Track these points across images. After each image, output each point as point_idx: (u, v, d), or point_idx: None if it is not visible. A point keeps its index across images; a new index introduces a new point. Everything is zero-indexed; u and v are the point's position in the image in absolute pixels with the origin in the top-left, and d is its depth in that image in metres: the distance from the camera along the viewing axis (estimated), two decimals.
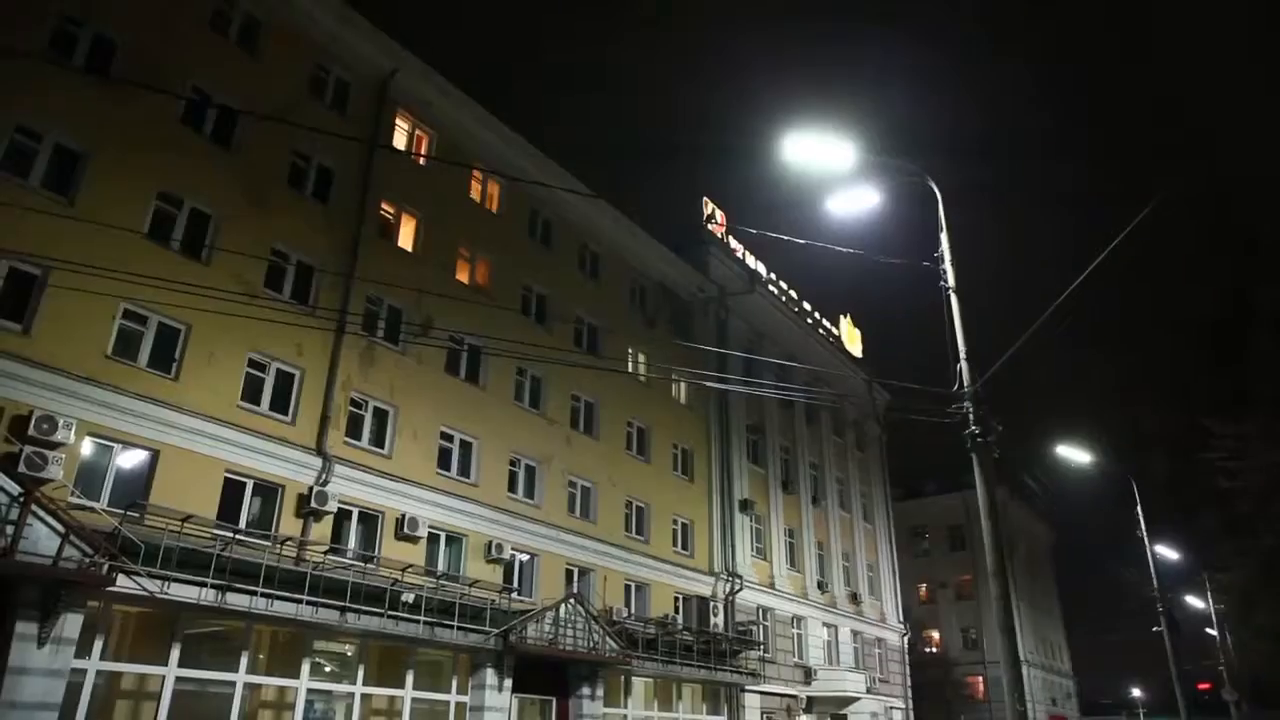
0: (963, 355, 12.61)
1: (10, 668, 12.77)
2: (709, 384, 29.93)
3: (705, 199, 35.65)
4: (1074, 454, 23.80)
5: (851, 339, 44.86)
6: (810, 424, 39.62)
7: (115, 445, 15.87)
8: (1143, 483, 28.06)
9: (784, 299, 39.25)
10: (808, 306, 41.33)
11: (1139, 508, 28.02)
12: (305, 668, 17.34)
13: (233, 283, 17.60)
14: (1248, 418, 14.63)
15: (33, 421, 14.14)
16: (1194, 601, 40.77)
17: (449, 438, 22.41)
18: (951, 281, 12.64)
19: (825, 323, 42.86)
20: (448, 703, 19.88)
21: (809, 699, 33.49)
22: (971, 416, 12.43)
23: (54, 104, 16.25)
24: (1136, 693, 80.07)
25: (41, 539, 12.96)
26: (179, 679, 15.39)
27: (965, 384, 12.55)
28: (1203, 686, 51.53)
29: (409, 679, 19.17)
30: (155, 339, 16.91)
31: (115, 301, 15.91)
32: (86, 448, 15.46)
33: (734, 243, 36.53)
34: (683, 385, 31.67)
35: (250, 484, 17.84)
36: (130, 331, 16.59)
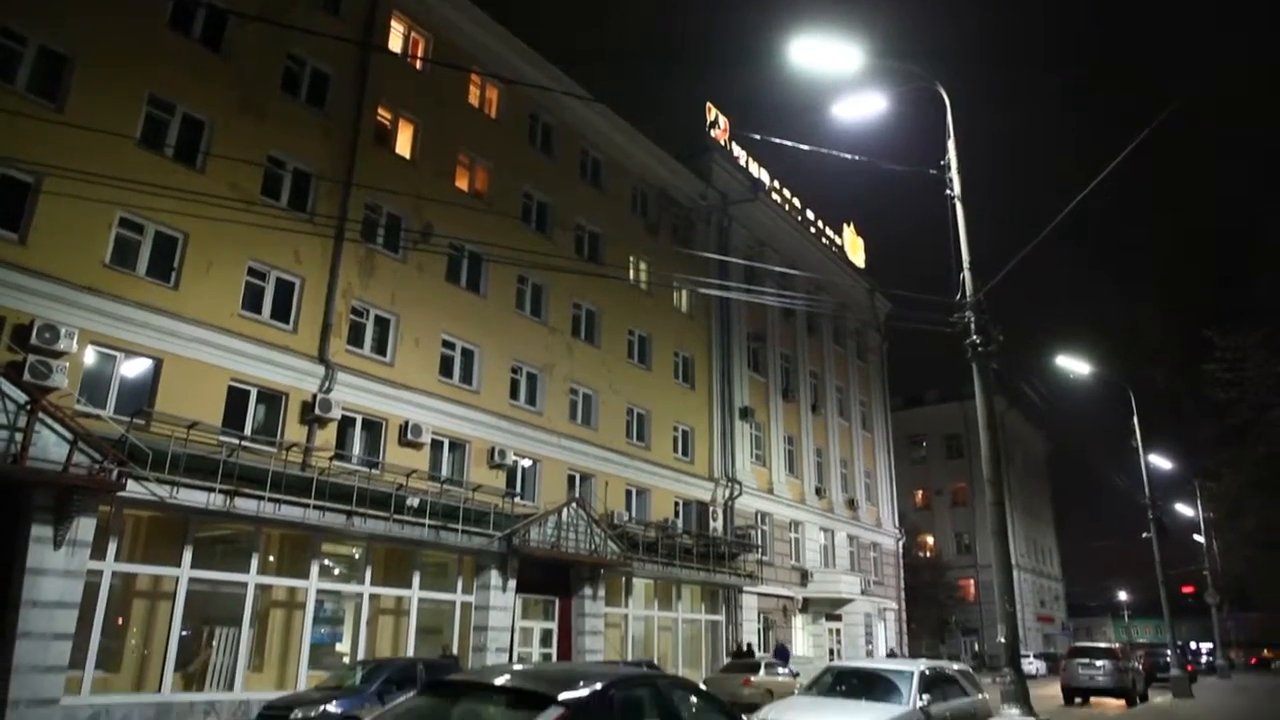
0: (966, 265, 12.54)
1: (29, 568, 13.15)
2: (710, 292, 29.86)
3: (709, 105, 34.86)
4: (1073, 364, 23.90)
5: (854, 248, 44.51)
6: (811, 333, 39.68)
7: (118, 354, 15.94)
8: (1140, 394, 28.31)
9: (787, 207, 38.80)
10: (811, 215, 40.87)
11: (1135, 418, 28.33)
12: (314, 569, 17.84)
13: (229, 190, 17.38)
14: (1250, 330, 14.62)
15: (35, 330, 14.17)
16: (1183, 509, 41.63)
17: (450, 346, 22.48)
18: (957, 190, 12.47)
19: (828, 231, 42.45)
20: (453, 602, 20.52)
21: (805, 600, 34.53)
22: (973, 326, 12.44)
23: (36, 5, 15.76)
24: (1122, 596, 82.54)
25: (50, 446, 13.16)
26: (192, 580, 15.88)
27: (967, 293, 12.52)
28: (1186, 590, 53.09)
29: (416, 580, 19.75)
30: (153, 247, 16.80)
31: (111, 209, 15.74)
32: (90, 356, 15.53)
33: (737, 150, 35.87)
34: (684, 293, 31.60)
35: (254, 391, 17.99)
36: (128, 240, 16.47)
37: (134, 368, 16.27)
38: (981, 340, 12.42)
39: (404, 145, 22.71)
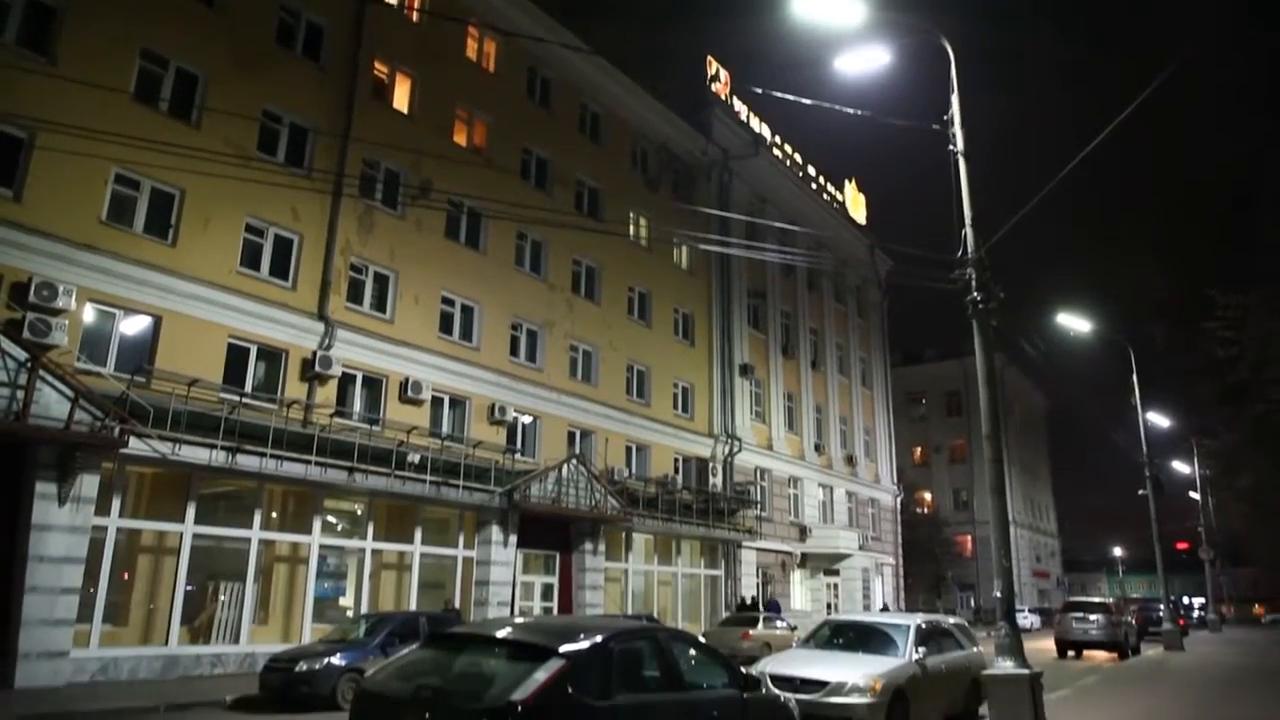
0: (968, 221, 12.45)
1: (35, 524, 13.29)
2: (711, 248, 29.71)
3: (709, 58, 34.35)
4: (1074, 322, 23.87)
5: (856, 205, 44.20)
6: (811, 289, 39.57)
7: (117, 311, 15.91)
8: (1140, 352, 28.31)
9: (788, 163, 38.43)
10: (812, 171, 40.50)
11: (1134, 376, 28.37)
12: (317, 525, 18.01)
13: (225, 146, 17.18)
14: (1252, 290, 14.58)
15: (32, 288, 14.13)
16: (1179, 467, 41.93)
17: (450, 302, 22.44)
18: (961, 145, 12.32)
19: (830, 188, 42.12)
20: (455, 557, 20.74)
21: (803, 555, 34.90)
22: (973, 283, 12.39)
23: None
24: (1117, 552, 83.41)
25: (52, 403, 13.21)
26: (196, 535, 16.04)
27: (969, 250, 12.46)
28: (1181, 546, 53.66)
29: (417, 535, 19.95)
30: (149, 204, 16.67)
31: (106, 165, 15.59)
32: (88, 314, 15.50)
33: (738, 104, 35.42)
34: (684, 250, 31.46)
35: (254, 349, 17.99)
36: (124, 196, 16.34)
37: (133, 325, 16.24)
38: (982, 297, 12.37)
39: (401, 100, 22.44)
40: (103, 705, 11.68)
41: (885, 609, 35.64)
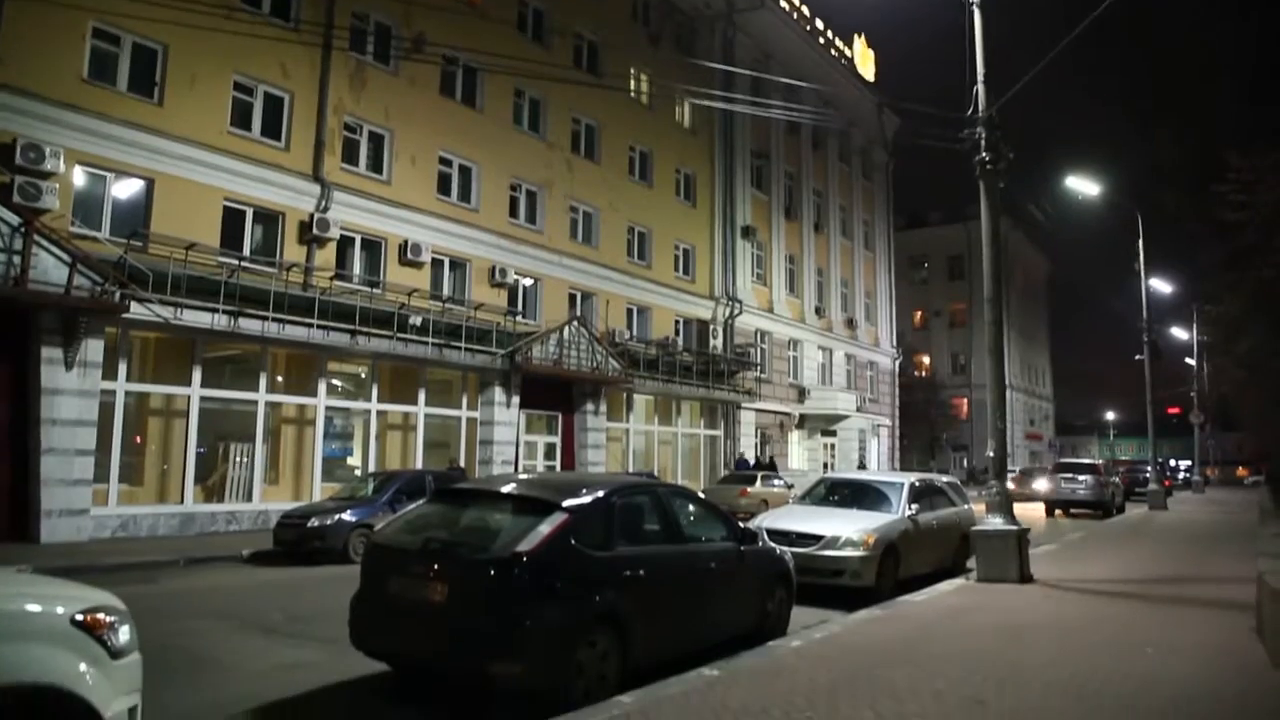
0: (980, 77, 12.06)
1: (44, 389, 13.48)
2: (714, 105, 28.82)
3: None
4: (1083, 186, 23.44)
5: (864, 61, 42.60)
6: (816, 149, 38.67)
7: (108, 174, 15.60)
8: (1147, 219, 27.92)
9: (795, 16, 36.78)
10: (820, 25, 38.84)
11: (1140, 240, 28.08)
12: (322, 387, 18.26)
13: None
14: (1268, 151, 14.17)
15: (18, 150, 13.79)
16: (1177, 333, 42.13)
17: (448, 163, 21.98)
18: None
19: (838, 42, 40.46)
20: (459, 418, 21.14)
21: (801, 416, 35.55)
22: (983, 143, 12.11)
23: None
24: (1110, 416, 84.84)
25: (50, 269, 13.14)
26: (203, 398, 16.30)
27: (980, 108, 12.11)
28: (1172, 411, 54.51)
29: (421, 396, 20.26)
30: (131, 61, 16.05)
31: (83, 19, 14.93)
32: (79, 177, 15.20)
33: None
34: (687, 107, 30.56)
35: (250, 212, 17.76)
36: (104, 52, 15.71)
37: (125, 189, 15.97)
38: (991, 158, 12.12)
39: None
40: (124, 559, 12.14)
41: (862, 466, 36.27)
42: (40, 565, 10.16)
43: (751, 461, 29.16)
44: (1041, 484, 28.11)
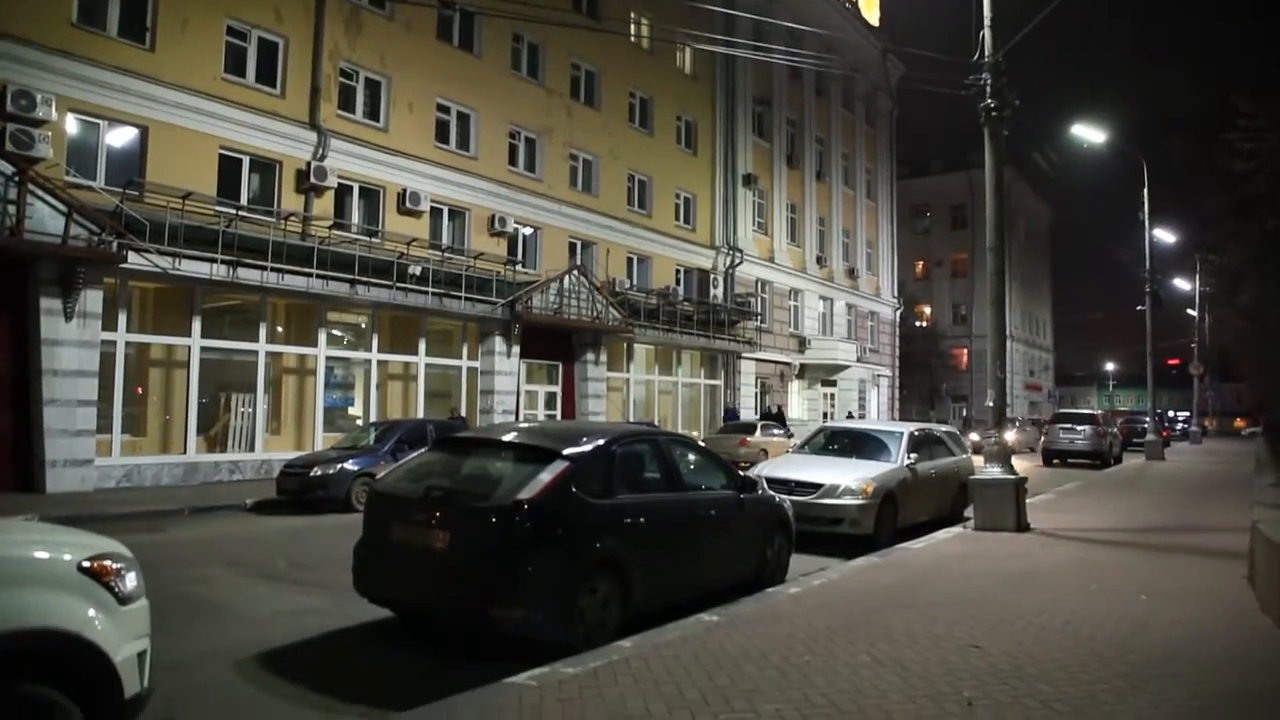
0: (987, 21, 11.86)
1: (44, 340, 13.49)
2: (715, 50, 28.33)
3: None
4: (1089, 133, 23.16)
5: (869, 5, 41.76)
6: (819, 96, 38.11)
7: (101, 122, 15.40)
8: (1152, 169, 27.62)
9: None
10: None
11: (1145, 188, 27.81)
12: (322, 337, 18.26)
13: None
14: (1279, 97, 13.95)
15: (9, 97, 13.60)
16: (1179, 284, 41.99)
17: (445, 110, 21.69)
18: None
19: None
20: (460, 367, 21.17)
21: (801, 366, 35.59)
22: (988, 89, 11.95)
23: None
24: (1109, 367, 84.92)
25: (46, 219, 13.04)
26: (204, 349, 16.30)
27: (986, 53, 11.93)
28: (1172, 362, 54.55)
29: (422, 346, 20.27)
30: (122, 4, 15.71)
31: None
32: (71, 125, 15.01)
33: None
34: (688, 52, 30.07)
35: (246, 160, 17.57)
36: None
37: (119, 137, 15.78)
38: (996, 104, 11.97)
39: None
40: (129, 509, 12.25)
41: (850, 416, 36.19)
42: (46, 514, 10.27)
43: (741, 413, 29.26)
44: (1011, 435, 27.74)
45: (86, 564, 3.32)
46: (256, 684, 5.19)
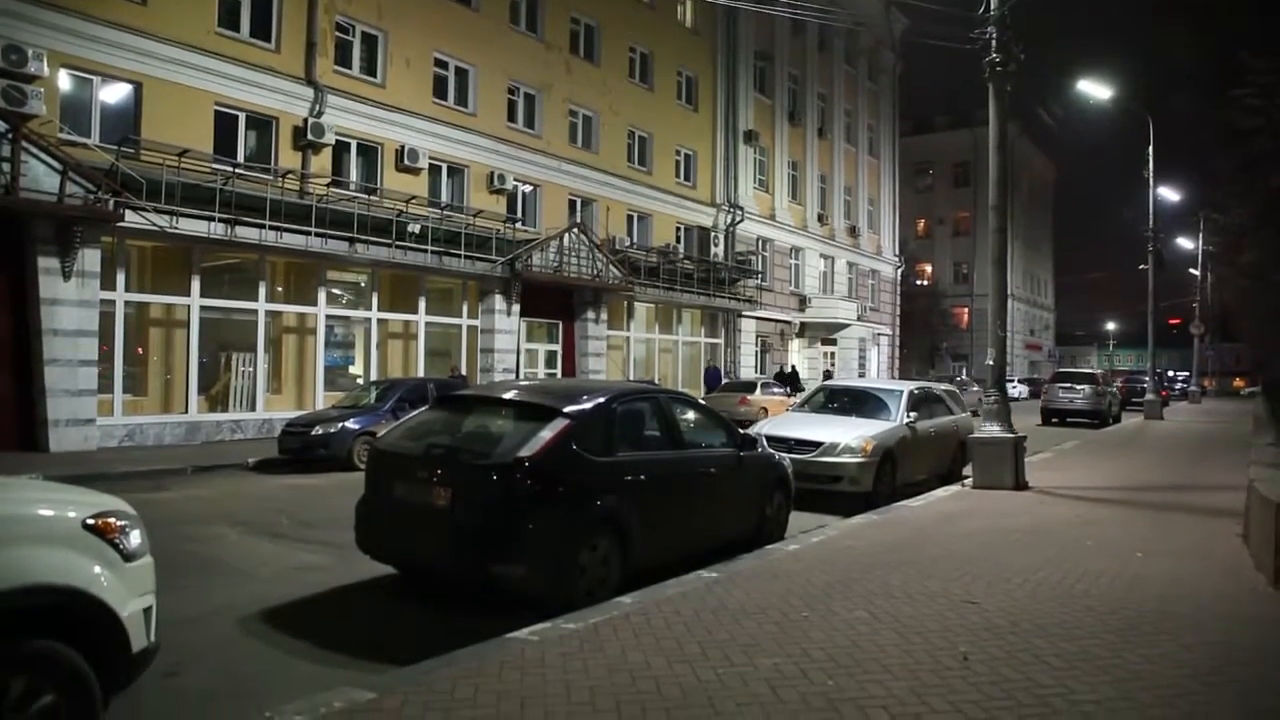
0: None
1: (43, 299, 13.46)
2: (716, 2, 27.89)
3: None
4: (1094, 89, 22.86)
5: None
6: (822, 50, 37.59)
7: (94, 78, 15.20)
8: (1157, 127, 27.31)
9: None
10: None
11: (1150, 146, 27.55)
12: (322, 296, 18.22)
13: None
14: None
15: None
16: (1182, 243, 41.83)
17: (444, 65, 21.41)
18: None
19: None
20: (460, 326, 21.16)
21: (802, 325, 35.55)
22: (994, 43, 11.81)
23: None
24: (1110, 326, 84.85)
25: (42, 177, 12.95)
26: (204, 308, 16.27)
27: (992, 7, 11.78)
28: (1173, 322, 54.43)
29: (422, 304, 20.23)
30: None
31: None
32: (64, 81, 14.81)
33: None
34: (689, 6, 29.62)
35: (242, 117, 17.38)
36: None
37: (113, 93, 15.59)
38: (1001, 59, 11.83)
39: None
40: (133, 467, 12.32)
41: (828, 375, 35.73)
42: (50, 473, 10.31)
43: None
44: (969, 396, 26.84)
45: (91, 521, 3.35)
46: (261, 639, 5.26)
